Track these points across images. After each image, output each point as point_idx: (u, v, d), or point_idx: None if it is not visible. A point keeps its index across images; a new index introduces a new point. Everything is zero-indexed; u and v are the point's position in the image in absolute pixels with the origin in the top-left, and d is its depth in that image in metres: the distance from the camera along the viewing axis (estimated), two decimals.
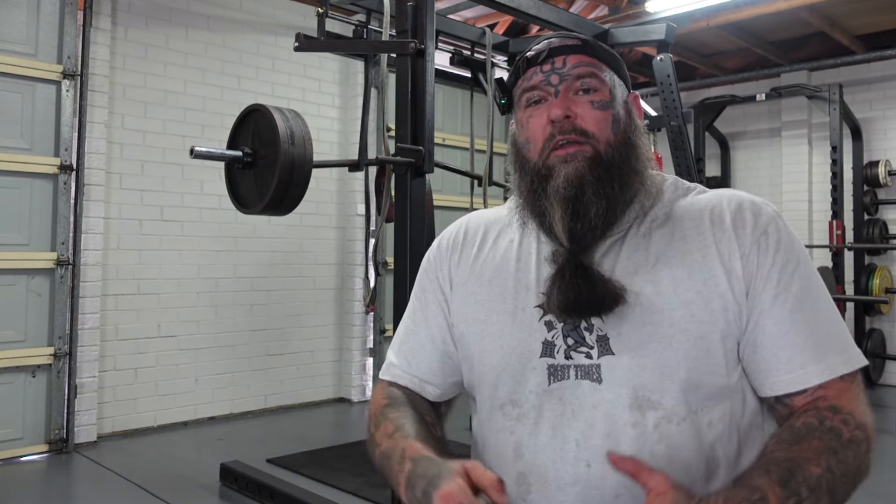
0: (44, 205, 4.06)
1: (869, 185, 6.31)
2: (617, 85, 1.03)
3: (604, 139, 0.98)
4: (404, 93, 2.87)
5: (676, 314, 0.94)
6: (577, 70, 1.00)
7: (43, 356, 4.01)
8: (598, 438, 0.94)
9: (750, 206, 1.00)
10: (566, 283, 0.95)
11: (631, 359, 0.94)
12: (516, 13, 3.66)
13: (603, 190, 0.96)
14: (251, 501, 3.25)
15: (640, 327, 0.94)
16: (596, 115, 0.99)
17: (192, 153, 2.80)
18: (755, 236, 0.96)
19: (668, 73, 4.13)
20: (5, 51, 3.93)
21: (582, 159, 0.97)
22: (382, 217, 3.27)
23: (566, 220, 0.96)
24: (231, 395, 4.92)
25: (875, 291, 6.00)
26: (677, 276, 0.96)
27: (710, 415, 0.95)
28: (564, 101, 0.99)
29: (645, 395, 0.93)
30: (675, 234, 0.99)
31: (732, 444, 0.97)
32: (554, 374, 0.97)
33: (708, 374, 0.94)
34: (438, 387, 1.12)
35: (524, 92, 1.03)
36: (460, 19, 5.05)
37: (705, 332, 0.93)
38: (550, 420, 0.97)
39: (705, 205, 1.01)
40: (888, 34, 6.15)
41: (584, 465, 0.95)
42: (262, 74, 5.15)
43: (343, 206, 5.57)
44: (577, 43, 1.02)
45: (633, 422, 0.93)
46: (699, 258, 0.96)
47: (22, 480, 3.58)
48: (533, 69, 1.02)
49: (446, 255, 1.14)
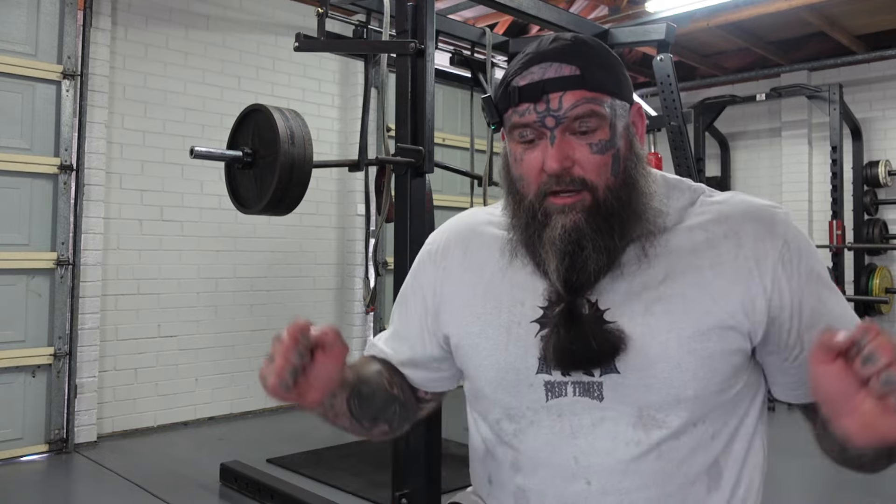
0: (44, 205, 4.06)
1: (869, 185, 6.31)
2: (618, 112, 0.95)
3: (603, 185, 0.93)
4: (404, 93, 2.87)
5: (685, 333, 0.91)
6: (574, 111, 0.91)
7: (43, 356, 4.01)
8: (597, 456, 0.94)
9: (762, 215, 0.97)
10: (561, 342, 0.93)
11: (638, 379, 0.92)
12: (516, 13, 3.65)
13: (602, 243, 0.92)
14: (251, 501, 3.25)
15: (646, 347, 0.92)
16: (595, 160, 0.92)
17: (192, 153, 2.80)
18: (778, 248, 0.94)
19: (668, 73, 4.13)
20: (5, 51, 3.93)
21: (581, 210, 0.92)
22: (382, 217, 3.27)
23: (562, 272, 0.92)
24: (231, 395, 4.92)
25: (875, 291, 6.00)
26: (687, 293, 0.93)
27: (713, 427, 0.94)
28: (561, 150, 0.91)
29: (650, 415, 0.92)
30: (684, 248, 0.95)
31: (736, 453, 0.97)
32: (551, 390, 0.96)
33: (715, 392, 0.93)
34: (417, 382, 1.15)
35: (516, 127, 0.95)
36: (460, 19, 5.05)
37: (714, 351, 0.91)
38: (548, 436, 0.97)
39: (716, 214, 0.97)
40: (888, 34, 6.15)
41: (583, 482, 0.94)
42: (262, 74, 5.15)
43: (343, 206, 5.57)
44: (574, 73, 0.92)
45: (637, 440, 0.92)
46: (710, 275, 0.93)
47: (22, 480, 3.57)
48: (526, 105, 0.93)
49: (438, 263, 1.12)
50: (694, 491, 0.93)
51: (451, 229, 1.14)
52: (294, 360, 0.84)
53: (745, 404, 0.98)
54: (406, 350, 1.13)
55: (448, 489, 2.58)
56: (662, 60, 4.15)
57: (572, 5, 5.72)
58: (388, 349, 1.16)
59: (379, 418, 1.09)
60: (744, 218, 0.96)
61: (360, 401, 1.04)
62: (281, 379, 0.85)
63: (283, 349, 0.84)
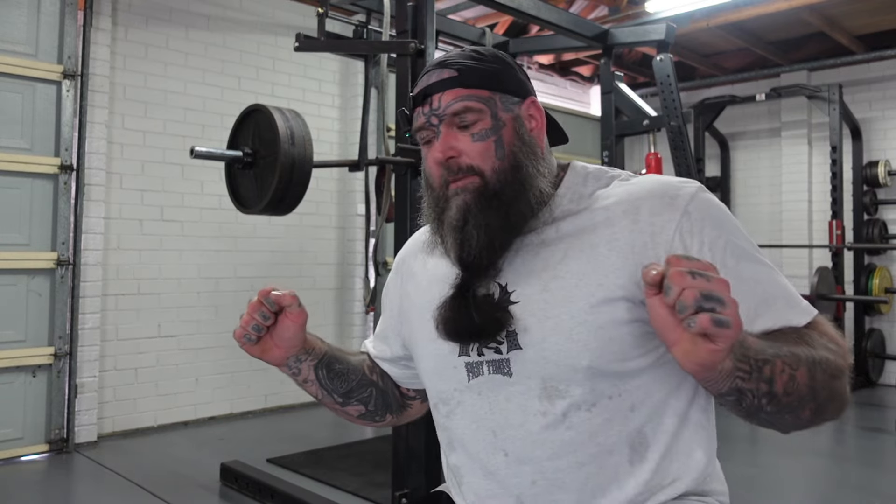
0: (44, 205, 4.06)
1: (868, 185, 6.31)
2: (500, 106, 1.04)
3: (489, 168, 1.02)
4: (404, 93, 2.87)
5: (576, 307, 0.96)
6: (452, 108, 1.03)
7: (43, 356, 4.01)
8: (511, 429, 1.00)
9: (666, 190, 0.99)
10: (447, 313, 1.02)
11: (536, 352, 0.98)
12: (516, 13, 3.66)
13: (484, 221, 1.00)
14: (251, 501, 3.25)
15: (542, 321, 0.97)
16: (477, 147, 1.02)
17: (193, 153, 2.80)
18: (676, 220, 0.96)
19: (667, 73, 4.14)
20: (5, 51, 3.93)
21: (471, 190, 1.02)
22: (382, 217, 3.27)
23: (455, 248, 1.02)
24: (231, 395, 4.92)
25: (875, 291, 6.01)
26: (582, 269, 0.98)
27: (631, 399, 0.97)
28: (445, 142, 1.03)
29: (553, 385, 0.97)
30: (585, 227, 1.01)
31: (666, 426, 0.98)
32: (471, 370, 1.04)
33: (612, 361, 0.95)
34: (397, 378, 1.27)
35: (416, 131, 1.08)
36: (460, 19, 5.05)
37: (605, 321, 0.95)
38: (472, 414, 1.04)
39: (621, 194, 1.01)
40: (888, 34, 6.15)
41: (501, 454, 1.01)
42: (262, 74, 5.15)
43: (343, 206, 5.58)
44: (452, 75, 1.04)
45: (543, 411, 0.98)
46: (605, 251, 0.98)
47: (22, 480, 3.58)
48: (418, 109, 1.06)
49: (399, 273, 1.25)
50: (612, 461, 0.97)
51: (412, 240, 1.27)
52: (258, 318, 1.05)
53: (675, 378, 0.99)
54: (385, 349, 1.26)
55: None
56: (662, 60, 4.16)
57: (572, 5, 5.73)
58: (372, 348, 1.30)
59: (352, 396, 1.22)
60: (646, 195, 1.00)
61: (328, 372, 1.18)
62: (245, 331, 1.05)
63: (250, 307, 1.05)
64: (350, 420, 1.26)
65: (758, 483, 3.53)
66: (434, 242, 1.09)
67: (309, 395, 1.20)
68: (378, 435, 4.37)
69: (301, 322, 1.07)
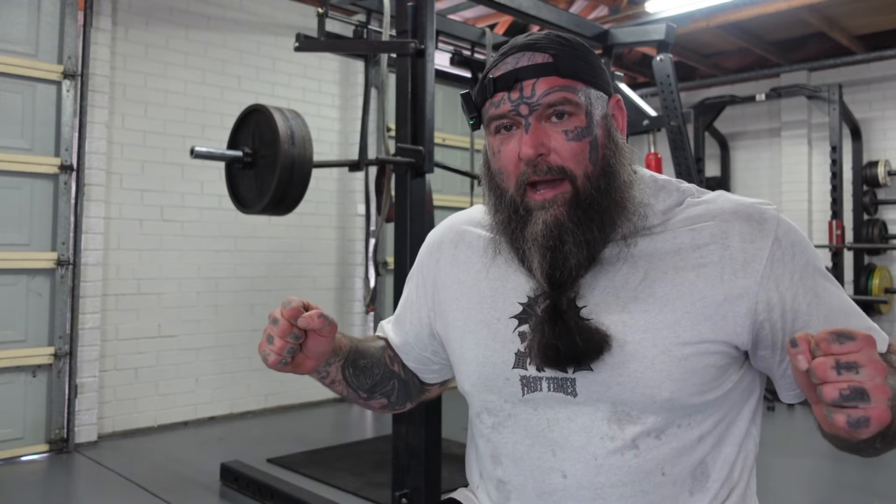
0: (44, 205, 4.06)
1: (868, 185, 6.32)
2: (594, 101, 0.95)
3: (581, 172, 0.92)
4: (404, 93, 2.87)
5: (661, 335, 0.91)
6: (547, 98, 0.92)
7: (43, 356, 4.01)
8: (572, 450, 0.94)
9: (751, 213, 0.94)
10: (546, 339, 0.93)
11: (610, 376, 0.92)
12: (516, 13, 3.66)
13: (584, 237, 0.91)
14: (251, 501, 3.25)
15: (621, 345, 0.91)
16: (571, 147, 0.92)
17: (193, 153, 2.81)
18: (768, 248, 0.92)
19: (667, 73, 4.14)
20: (6, 51, 3.93)
21: (561, 203, 0.92)
22: (382, 217, 3.27)
23: (545, 268, 0.93)
24: (231, 395, 4.92)
25: (874, 291, 6.01)
26: (667, 294, 0.92)
27: (699, 429, 0.93)
28: (536, 136, 0.92)
29: (625, 411, 0.92)
30: (667, 249, 0.94)
31: (726, 455, 0.96)
32: (527, 384, 0.97)
33: (694, 394, 0.91)
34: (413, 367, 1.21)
35: (492, 119, 0.96)
36: (460, 19, 5.05)
37: (689, 353, 0.90)
38: (526, 430, 0.98)
39: (703, 215, 0.95)
40: (888, 34, 6.16)
41: (559, 475, 0.95)
42: (262, 74, 5.15)
43: (343, 206, 5.58)
44: (547, 60, 0.92)
45: (611, 435, 0.93)
46: (692, 277, 0.92)
47: (22, 480, 3.58)
48: (501, 95, 0.94)
49: (433, 256, 1.16)
50: (674, 492, 0.93)
51: (448, 225, 1.18)
52: (291, 342, 0.96)
53: (738, 407, 0.97)
54: (402, 335, 1.20)
55: (448, 489, 2.58)
56: (662, 60, 4.16)
57: (572, 5, 5.73)
58: (390, 332, 1.23)
59: (376, 391, 1.16)
60: (732, 217, 0.94)
61: (355, 370, 1.12)
62: (281, 357, 0.96)
63: (280, 332, 0.95)
64: (372, 410, 1.22)
65: (757, 483, 3.53)
66: (497, 250, 1.01)
67: (333, 392, 1.16)
68: (378, 435, 4.37)
69: (332, 336, 1.00)
